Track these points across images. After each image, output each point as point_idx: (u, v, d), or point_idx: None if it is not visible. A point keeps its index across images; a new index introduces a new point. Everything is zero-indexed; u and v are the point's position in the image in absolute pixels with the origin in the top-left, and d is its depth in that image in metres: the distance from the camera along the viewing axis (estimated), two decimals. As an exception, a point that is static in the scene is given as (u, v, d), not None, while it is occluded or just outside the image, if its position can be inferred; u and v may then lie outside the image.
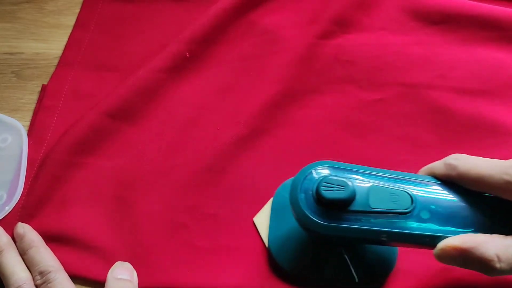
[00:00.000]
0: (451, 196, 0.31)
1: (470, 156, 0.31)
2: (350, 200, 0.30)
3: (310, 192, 0.31)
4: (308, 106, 0.45)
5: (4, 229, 0.39)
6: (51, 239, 0.39)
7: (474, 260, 0.28)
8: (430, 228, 0.30)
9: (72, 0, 0.53)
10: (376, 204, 0.30)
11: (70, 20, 0.52)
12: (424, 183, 0.31)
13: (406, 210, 0.30)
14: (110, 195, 0.41)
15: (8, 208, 0.41)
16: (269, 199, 0.41)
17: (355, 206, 0.30)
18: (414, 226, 0.30)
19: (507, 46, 0.46)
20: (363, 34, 0.48)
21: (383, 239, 0.30)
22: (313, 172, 0.31)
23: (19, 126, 0.45)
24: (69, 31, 0.51)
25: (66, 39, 0.50)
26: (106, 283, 0.36)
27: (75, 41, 0.50)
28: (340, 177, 0.30)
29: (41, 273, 0.36)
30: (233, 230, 0.40)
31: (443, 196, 0.31)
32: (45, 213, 0.41)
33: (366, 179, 0.31)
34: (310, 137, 0.43)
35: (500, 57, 0.46)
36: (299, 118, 0.45)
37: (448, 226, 0.30)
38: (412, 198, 0.30)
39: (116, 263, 0.37)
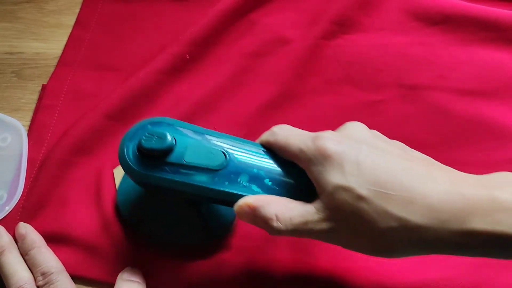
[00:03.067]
0: (266, 162, 0.32)
1: (293, 127, 0.32)
2: (166, 151, 0.31)
3: (136, 142, 0.32)
4: (308, 106, 0.45)
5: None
6: (51, 239, 0.39)
7: (259, 218, 0.29)
8: (236, 187, 0.31)
9: (73, 0, 0.53)
10: (190, 158, 0.31)
11: (70, 20, 0.52)
12: (248, 149, 0.32)
13: (218, 168, 0.31)
14: (111, 195, 0.41)
15: (8, 208, 0.41)
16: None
17: (171, 158, 0.31)
18: (221, 183, 0.31)
19: (506, 47, 0.47)
20: (363, 34, 0.48)
21: (194, 192, 0.31)
22: (147, 125, 0.33)
23: (19, 126, 0.45)
24: (69, 30, 0.51)
25: (66, 38, 0.50)
26: (115, 285, 0.36)
27: (75, 40, 0.50)
28: (162, 130, 0.32)
29: (43, 274, 0.36)
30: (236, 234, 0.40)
31: (258, 161, 0.32)
32: (45, 213, 0.41)
33: (193, 137, 0.32)
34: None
35: (499, 57, 0.46)
36: (298, 118, 0.45)
37: (257, 188, 0.31)
38: (226, 158, 0.31)
39: (126, 268, 0.38)
